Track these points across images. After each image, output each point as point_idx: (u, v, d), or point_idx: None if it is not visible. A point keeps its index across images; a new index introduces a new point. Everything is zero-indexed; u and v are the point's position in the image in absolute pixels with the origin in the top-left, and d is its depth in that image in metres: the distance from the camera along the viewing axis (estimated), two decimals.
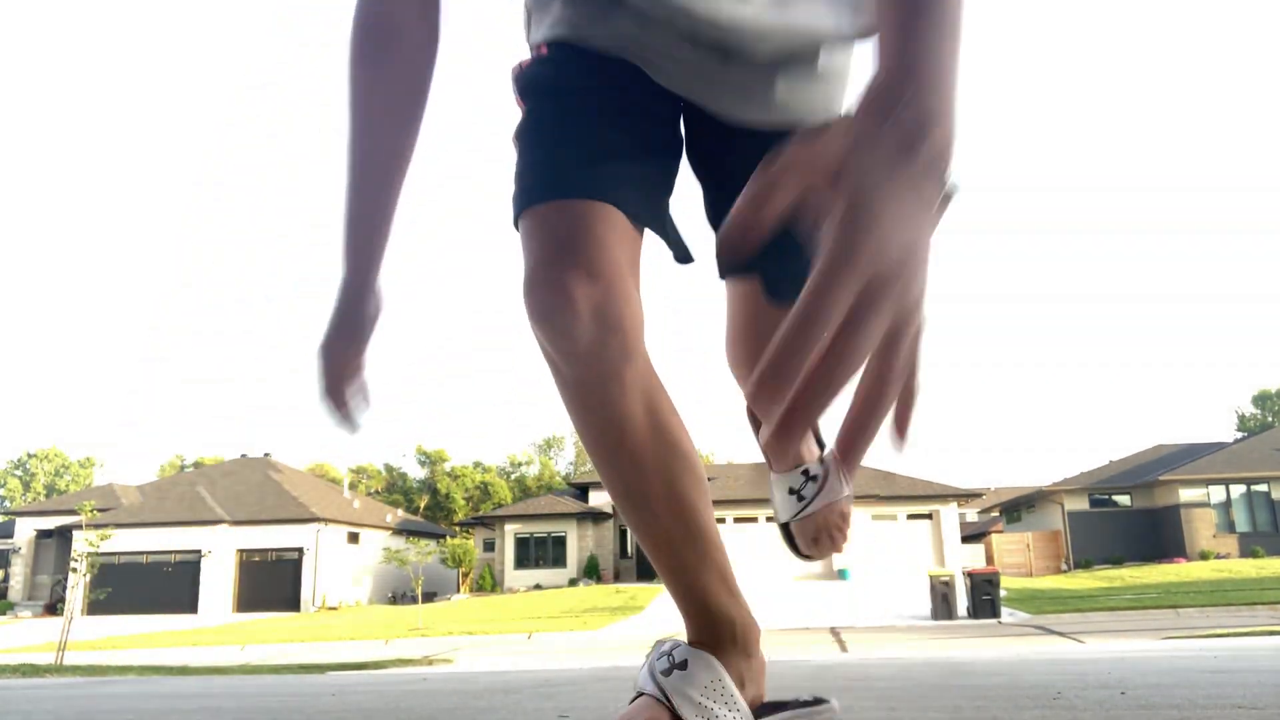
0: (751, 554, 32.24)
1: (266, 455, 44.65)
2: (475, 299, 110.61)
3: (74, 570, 17.51)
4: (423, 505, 60.69)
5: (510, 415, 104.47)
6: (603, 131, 1.19)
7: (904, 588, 27.45)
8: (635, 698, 1.14)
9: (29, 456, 72.59)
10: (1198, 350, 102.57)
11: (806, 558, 1.52)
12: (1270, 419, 59.37)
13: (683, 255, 1.26)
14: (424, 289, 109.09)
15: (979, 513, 51.44)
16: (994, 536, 39.27)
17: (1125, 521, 37.04)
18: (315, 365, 1.24)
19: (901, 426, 0.52)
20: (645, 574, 37.25)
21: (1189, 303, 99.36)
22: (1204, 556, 33.03)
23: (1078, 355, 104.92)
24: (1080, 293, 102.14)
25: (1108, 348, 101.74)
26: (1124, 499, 37.58)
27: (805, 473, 1.45)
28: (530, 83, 1.24)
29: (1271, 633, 13.08)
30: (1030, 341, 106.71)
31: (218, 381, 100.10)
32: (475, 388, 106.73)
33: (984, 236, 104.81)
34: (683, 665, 1.12)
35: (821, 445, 1.53)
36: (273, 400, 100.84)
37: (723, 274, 1.46)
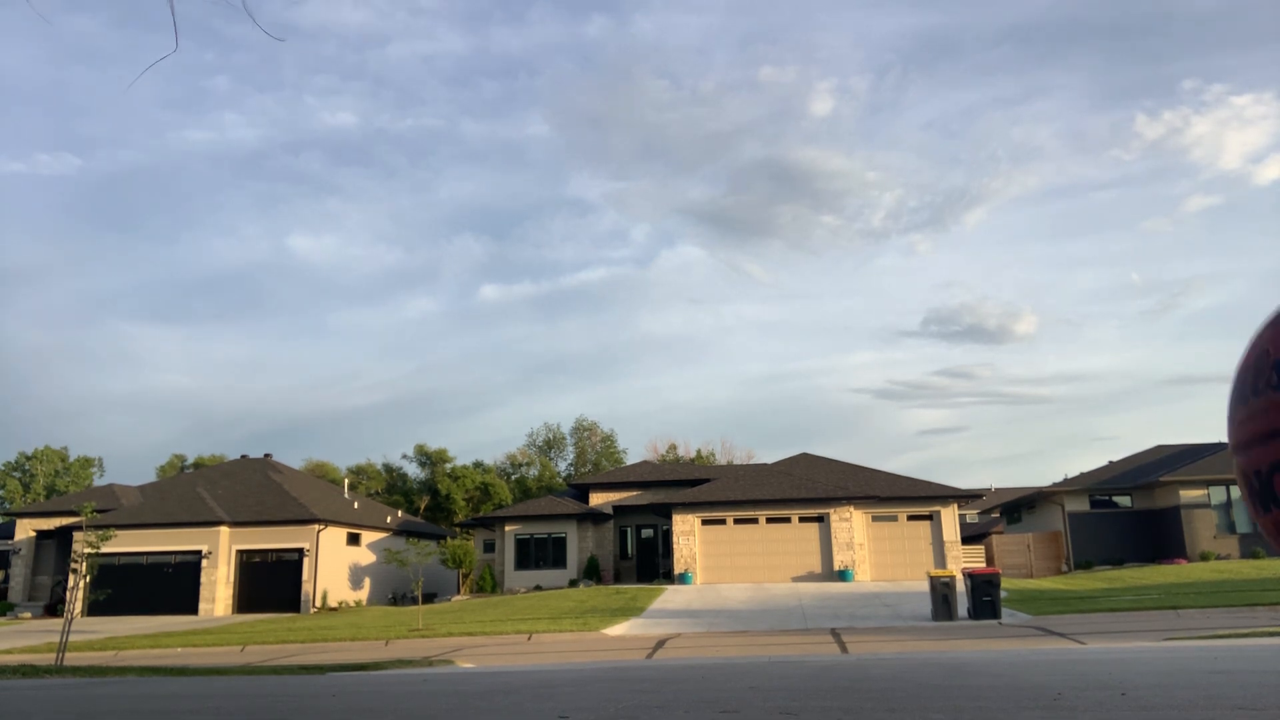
0: (750, 554, 32.22)
1: (266, 456, 44.65)
2: (474, 296, 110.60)
3: (74, 571, 17.52)
4: (423, 506, 60.63)
5: (511, 415, 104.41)
6: None
7: (904, 588, 27.43)
8: None
9: (28, 457, 72.53)
10: (1197, 348, 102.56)
11: None
12: None
13: None
14: (423, 285, 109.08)
15: (979, 513, 51.43)
16: (994, 537, 39.28)
17: (1126, 522, 37.04)
18: None
19: None
20: (645, 575, 37.24)
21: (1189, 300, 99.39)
22: (1204, 557, 33.03)
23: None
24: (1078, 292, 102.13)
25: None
26: (1124, 500, 37.56)
27: None
28: None
29: (1271, 634, 13.08)
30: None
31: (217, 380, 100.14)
32: (478, 386, 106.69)
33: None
34: None
35: None
36: (273, 400, 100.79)
37: None
